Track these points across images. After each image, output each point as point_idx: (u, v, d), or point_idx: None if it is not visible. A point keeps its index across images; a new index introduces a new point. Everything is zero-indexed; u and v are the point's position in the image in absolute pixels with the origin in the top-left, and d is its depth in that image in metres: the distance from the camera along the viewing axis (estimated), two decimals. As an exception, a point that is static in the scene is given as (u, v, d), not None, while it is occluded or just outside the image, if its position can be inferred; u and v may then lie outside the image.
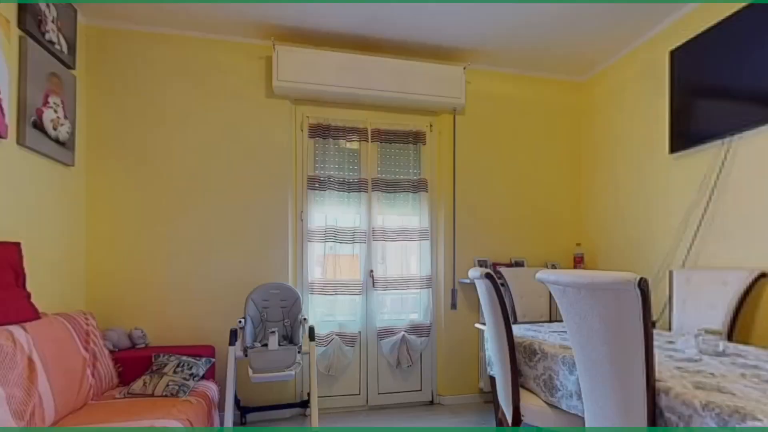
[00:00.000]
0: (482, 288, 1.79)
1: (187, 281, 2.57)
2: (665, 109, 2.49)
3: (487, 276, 1.68)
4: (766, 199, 1.96)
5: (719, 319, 1.93)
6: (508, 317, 1.66)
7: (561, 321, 2.51)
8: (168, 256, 2.56)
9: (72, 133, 2.26)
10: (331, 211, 2.80)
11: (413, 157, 2.98)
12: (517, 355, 1.70)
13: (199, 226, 2.60)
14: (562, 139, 3.25)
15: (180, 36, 2.62)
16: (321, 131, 2.80)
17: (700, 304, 2.06)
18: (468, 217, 3.01)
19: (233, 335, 2.24)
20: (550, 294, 2.49)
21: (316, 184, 2.78)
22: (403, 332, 2.83)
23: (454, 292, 2.94)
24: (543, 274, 1.32)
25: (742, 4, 2.03)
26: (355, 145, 2.89)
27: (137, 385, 1.94)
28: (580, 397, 1.40)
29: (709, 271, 2.11)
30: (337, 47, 2.79)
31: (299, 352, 2.24)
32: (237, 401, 2.44)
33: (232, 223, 2.65)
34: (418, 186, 2.95)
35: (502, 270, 2.67)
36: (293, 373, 2.12)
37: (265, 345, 2.21)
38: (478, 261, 2.99)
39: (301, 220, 2.80)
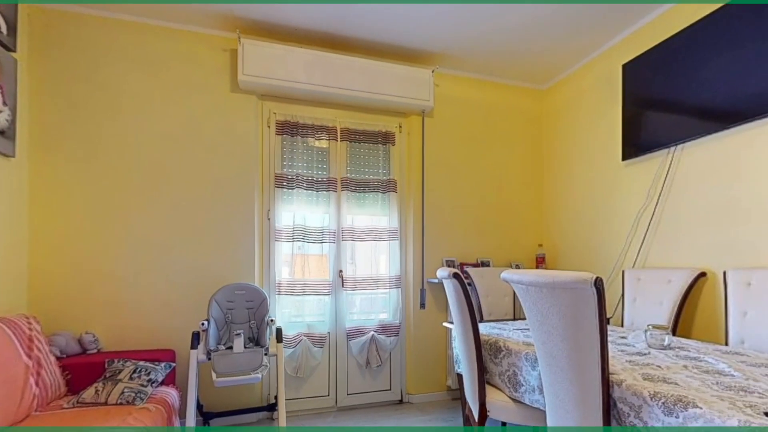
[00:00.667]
0: (450, 288, 1.81)
1: (144, 282, 2.44)
2: (618, 118, 2.64)
3: (455, 276, 1.70)
4: (704, 204, 2.12)
5: (665, 315, 2.08)
6: (474, 316, 1.70)
7: (524, 319, 2.60)
8: (122, 254, 2.41)
9: (12, 122, 2.08)
10: (299, 210, 2.76)
11: (383, 158, 2.98)
12: (483, 352, 1.74)
13: (157, 223, 2.48)
14: (525, 144, 3.37)
15: (137, 23, 2.48)
16: (289, 129, 2.75)
17: (648, 302, 2.20)
18: (436, 218, 3.06)
19: (195, 338, 2.15)
20: (515, 293, 2.56)
21: (284, 182, 2.72)
22: (372, 332, 2.83)
23: (422, 291, 2.98)
24: (507, 274, 1.36)
25: (687, 24, 2.19)
26: (324, 144, 2.86)
27: (88, 394, 1.82)
28: (541, 392, 1.46)
29: (656, 270, 2.26)
30: (305, 43, 2.75)
31: (266, 354, 2.19)
32: (200, 407, 2.34)
33: (193, 220, 2.54)
34: (388, 186, 2.96)
35: (469, 270, 2.73)
36: (260, 376, 2.07)
37: (230, 348, 2.14)
38: (446, 261, 3.04)
39: (268, 219, 2.74)
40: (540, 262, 3.18)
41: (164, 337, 2.45)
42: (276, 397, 2.29)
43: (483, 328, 2.05)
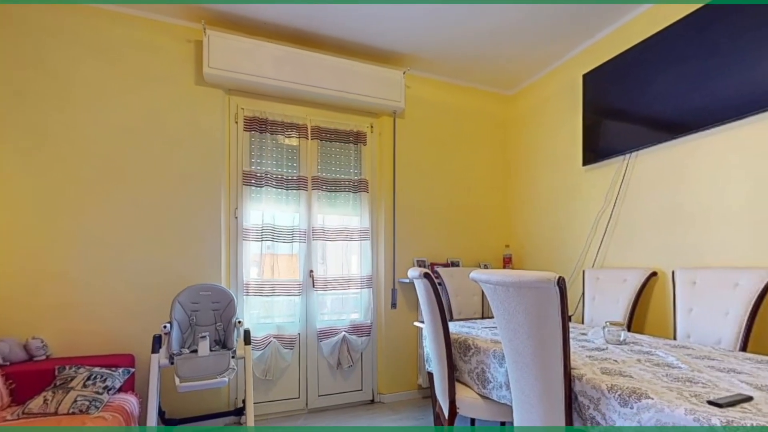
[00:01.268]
0: (421, 287, 1.84)
1: (99, 283, 2.29)
2: (579, 125, 2.78)
3: (426, 276, 1.73)
4: (655, 208, 2.27)
5: (621, 312, 2.21)
6: (444, 315, 1.73)
7: (492, 317, 2.69)
8: (75, 253, 2.25)
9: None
10: (268, 209, 2.69)
11: (354, 157, 2.98)
12: (453, 350, 1.78)
13: (114, 220, 2.34)
14: (492, 147, 3.47)
15: (92, 7, 2.32)
16: (257, 125, 2.68)
17: (606, 300, 2.34)
18: (407, 219, 3.09)
19: (157, 341, 2.06)
20: (483, 292, 2.64)
21: (252, 180, 2.65)
22: (343, 332, 2.82)
23: (394, 291, 3.00)
24: (476, 274, 1.39)
25: (640, 39, 2.34)
26: (294, 142, 2.81)
27: (35, 404, 1.70)
28: (508, 388, 1.51)
29: (613, 270, 2.40)
30: (275, 38, 2.70)
31: (233, 357, 2.13)
32: (161, 413, 2.24)
33: (155, 218, 2.42)
34: (359, 186, 2.96)
35: (440, 270, 2.78)
36: (226, 379, 2.01)
37: (195, 351, 2.07)
38: (417, 261, 3.08)
39: (236, 218, 2.66)
40: (507, 262, 3.29)
41: (122, 341, 2.32)
42: (244, 401, 2.23)
43: (453, 326, 2.10)
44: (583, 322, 2.49)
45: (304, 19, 2.48)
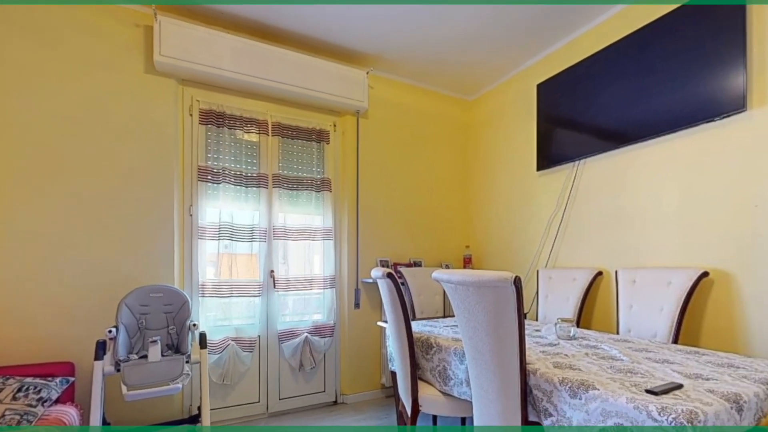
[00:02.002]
0: (384, 287, 1.86)
1: (32, 286, 2.09)
2: (534, 132, 2.93)
3: (389, 276, 1.75)
4: (600, 212, 2.45)
5: (571, 309, 2.37)
6: (407, 314, 1.76)
7: (453, 316, 2.77)
8: (2, 251, 2.04)
9: None
10: (226, 207, 2.59)
11: (317, 156, 2.94)
12: (415, 349, 1.82)
13: (50, 217, 2.14)
14: (453, 150, 3.57)
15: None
16: (214, 118, 2.57)
17: (558, 298, 2.49)
18: (371, 219, 3.10)
19: (100, 347, 1.92)
20: (445, 292, 2.71)
21: (209, 176, 2.54)
22: (306, 334, 2.78)
23: (357, 291, 3.00)
24: (438, 274, 1.43)
25: (588, 54, 2.51)
26: (254, 138, 2.72)
27: (-43, 422, 1.53)
28: (469, 384, 1.57)
29: (563, 270, 2.56)
30: (233, 29, 2.60)
31: (188, 361, 2.03)
32: (106, 425, 2.09)
33: (99, 213, 2.24)
34: (322, 185, 2.92)
35: (402, 270, 2.82)
36: (180, 386, 1.91)
37: (144, 357, 1.95)
38: (380, 261, 3.10)
39: (191, 215, 2.53)
40: (467, 262, 3.40)
41: (60, 348, 2.14)
42: (199, 408, 2.13)
43: (415, 326, 2.14)
44: (537, 319, 2.63)
45: (266, 11, 2.41)
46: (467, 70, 3.14)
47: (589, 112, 2.47)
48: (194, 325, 2.16)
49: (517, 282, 1.19)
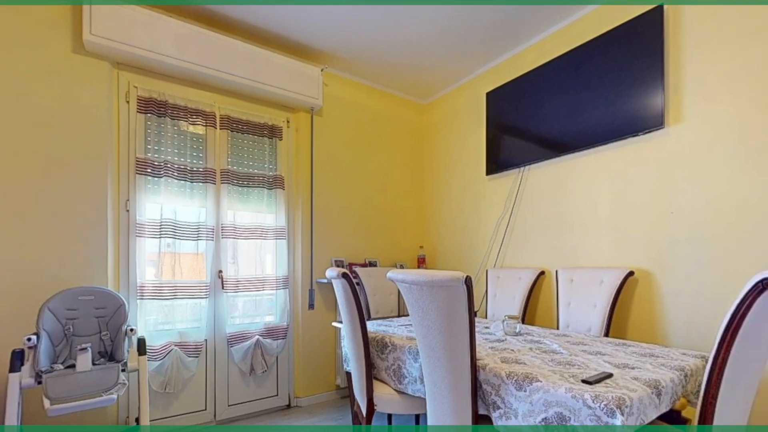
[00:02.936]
0: (339, 287, 1.85)
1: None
2: (483, 138, 3.07)
3: (344, 276, 1.74)
4: (543, 215, 2.63)
5: (517, 307, 2.52)
6: (363, 314, 1.77)
7: (408, 315, 2.82)
8: None
9: None
10: (168, 202, 2.42)
11: (269, 152, 2.84)
12: (370, 349, 1.83)
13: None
14: (408, 152, 3.63)
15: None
16: (155, 107, 2.39)
17: (505, 296, 2.63)
18: (325, 218, 3.06)
19: (17, 358, 1.71)
20: (399, 291, 2.76)
21: (149, 169, 2.36)
22: (257, 336, 2.68)
23: (311, 292, 2.95)
24: (393, 274, 1.45)
25: (532, 67, 2.68)
26: (200, 130, 2.57)
27: None
28: (422, 381, 1.61)
29: (510, 270, 2.71)
30: (177, 14, 2.44)
31: (123, 370, 1.88)
32: (23, 445, 1.87)
33: (15, 208, 1.99)
34: (274, 182, 2.84)
35: (358, 270, 2.82)
36: (114, 397, 1.76)
37: (72, 366, 1.77)
38: (335, 261, 3.07)
39: (127, 211, 2.34)
40: (421, 262, 3.48)
41: (-34, 360, 1.88)
42: (137, 419, 1.98)
43: (370, 325, 2.16)
44: (486, 317, 2.77)
45: (215, -2, 2.29)
46: (422, 74, 3.21)
47: (533, 122, 2.64)
48: (131, 330, 2.01)
49: (468, 281, 1.24)
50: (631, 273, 2.07)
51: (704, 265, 1.88)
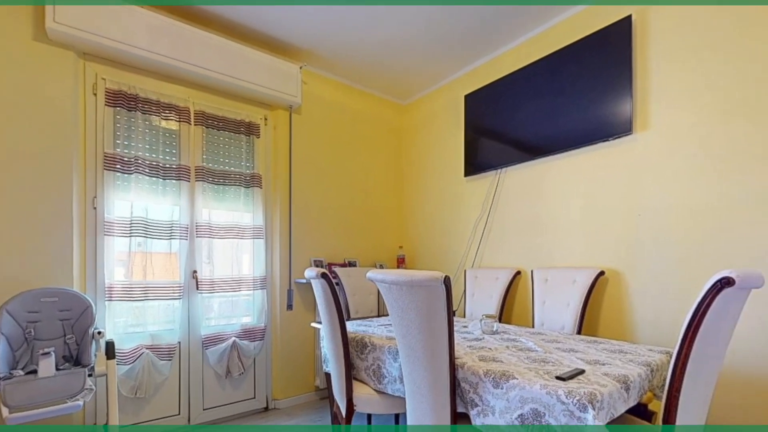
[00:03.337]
0: (318, 287, 1.84)
1: None
2: (462, 140, 3.12)
3: (323, 276, 1.74)
4: (519, 216, 2.70)
5: (494, 306, 2.57)
6: (342, 314, 1.77)
7: (387, 315, 2.83)
8: None
9: None
10: (139, 200, 2.33)
11: (246, 150, 2.78)
12: (350, 349, 1.83)
13: None
14: (387, 152, 3.64)
15: None
16: (125, 101, 2.30)
17: (483, 296, 2.68)
18: (304, 217, 3.03)
19: (-27, 365, 1.62)
20: (379, 291, 2.76)
21: (118, 164, 2.26)
22: (233, 338, 2.62)
23: (290, 292, 2.91)
24: (372, 274, 1.46)
25: (509, 72, 2.74)
26: (173, 126, 2.49)
27: None
28: (402, 381, 1.62)
29: (488, 270, 2.76)
30: (149, 5, 2.35)
31: (90, 375, 1.80)
32: (-22, 457, 1.76)
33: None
34: (252, 181, 2.78)
35: (337, 270, 2.80)
36: (80, 403, 1.69)
37: (33, 372, 1.69)
38: (314, 261, 3.05)
39: (94, 208, 2.24)
40: (401, 263, 3.49)
41: None
42: (106, 426, 1.90)
43: (350, 326, 2.15)
44: (464, 316, 2.81)
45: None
46: (401, 74, 3.22)
47: (510, 125, 2.70)
48: (99, 332, 1.94)
49: (447, 281, 1.26)
50: (601, 273, 2.15)
51: (669, 264, 1.98)
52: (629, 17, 2.09)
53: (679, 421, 1.14)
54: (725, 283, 1.05)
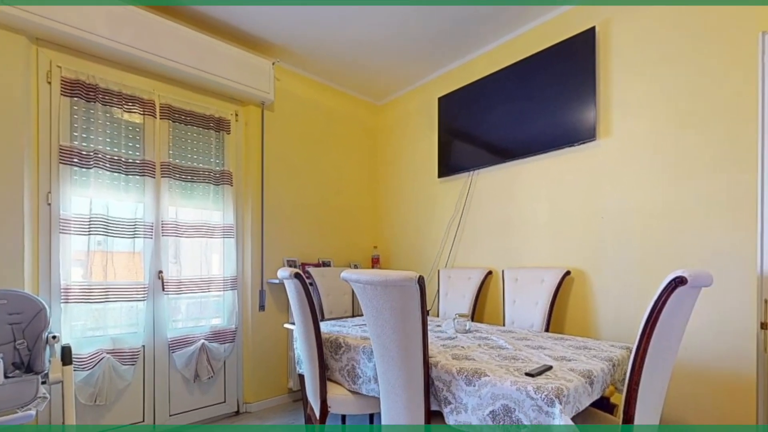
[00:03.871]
0: (291, 288, 1.81)
1: None
2: (435, 142, 3.16)
3: (297, 276, 1.71)
4: (491, 218, 2.77)
5: (467, 305, 2.63)
6: (316, 315, 1.75)
7: (362, 315, 2.82)
8: None
9: None
10: (99, 196, 2.21)
11: (215, 146, 2.70)
12: (324, 350, 1.81)
13: None
14: (362, 152, 3.63)
15: None
16: (83, 91, 2.17)
17: (456, 295, 2.73)
18: (277, 216, 2.97)
19: None
20: (353, 291, 2.75)
21: (75, 158, 2.13)
22: (202, 340, 2.53)
23: (262, 293, 2.84)
24: (347, 274, 1.45)
25: (481, 76, 2.80)
26: (137, 119, 2.38)
27: None
28: (376, 381, 1.63)
29: (461, 270, 2.82)
30: None
31: (44, 382, 1.69)
32: None
33: None
34: (222, 178, 2.70)
35: (311, 270, 2.77)
36: (32, 413, 1.57)
37: (-21, 381, 1.57)
38: (288, 261, 2.99)
39: (48, 204, 2.10)
40: (375, 263, 3.50)
41: None
42: (63, 427, 1.79)
43: (324, 326, 2.13)
44: (438, 315, 2.85)
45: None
46: (376, 75, 3.22)
47: (482, 128, 2.76)
48: (54, 337, 1.83)
49: (421, 281, 1.28)
50: (567, 272, 2.25)
51: (629, 264, 2.10)
52: (593, 29, 2.19)
53: (638, 412, 1.21)
54: (679, 282, 1.12)
